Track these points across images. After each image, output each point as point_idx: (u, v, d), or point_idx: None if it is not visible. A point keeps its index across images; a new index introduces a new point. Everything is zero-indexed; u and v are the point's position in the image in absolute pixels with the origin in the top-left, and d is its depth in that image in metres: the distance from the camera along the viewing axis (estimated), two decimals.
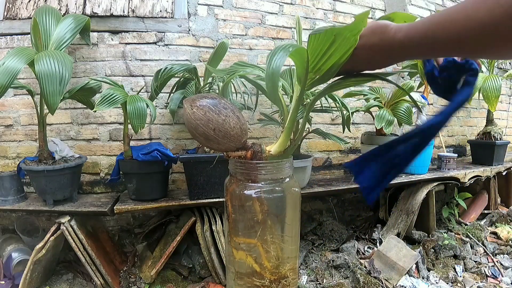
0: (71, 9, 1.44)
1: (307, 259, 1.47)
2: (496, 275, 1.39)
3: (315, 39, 0.59)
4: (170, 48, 1.53)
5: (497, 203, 2.06)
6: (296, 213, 0.85)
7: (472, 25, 0.36)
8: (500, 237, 1.70)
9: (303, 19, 1.76)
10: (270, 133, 1.71)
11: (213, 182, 1.26)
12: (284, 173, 0.80)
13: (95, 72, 1.47)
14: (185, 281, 1.32)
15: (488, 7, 0.33)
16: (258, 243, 0.80)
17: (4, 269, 1.27)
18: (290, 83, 1.36)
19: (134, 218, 1.58)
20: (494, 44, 0.35)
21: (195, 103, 0.71)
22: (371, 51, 0.53)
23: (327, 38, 0.58)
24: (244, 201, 0.79)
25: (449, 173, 1.72)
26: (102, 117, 1.49)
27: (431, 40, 0.42)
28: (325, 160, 1.85)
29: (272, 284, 0.80)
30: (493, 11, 0.33)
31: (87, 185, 1.51)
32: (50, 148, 1.26)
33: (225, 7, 1.61)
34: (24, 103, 1.44)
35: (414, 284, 1.27)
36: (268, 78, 0.62)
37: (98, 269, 1.20)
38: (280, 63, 0.61)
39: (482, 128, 2.01)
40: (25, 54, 1.02)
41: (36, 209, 1.22)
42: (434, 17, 0.42)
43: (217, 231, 1.25)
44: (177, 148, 1.56)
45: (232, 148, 0.77)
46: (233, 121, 0.72)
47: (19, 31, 1.42)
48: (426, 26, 0.43)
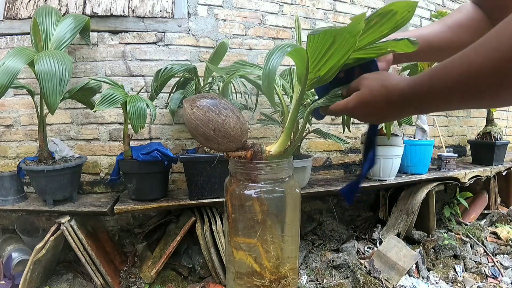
0: (71, 9, 1.44)
1: (307, 259, 1.47)
2: (496, 275, 1.39)
3: (314, 40, 0.59)
4: (170, 48, 1.53)
5: (497, 203, 2.07)
6: (296, 213, 0.85)
7: (471, 70, 0.36)
8: (500, 237, 1.70)
9: (303, 19, 1.76)
10: (270, 133, 1.71)
11: (213, 182, 1.26)
12: (284, 173, 0.80)
13: (95, 72, 1.47)
14: (185, 281, 1.32)
15: (486, 52, 0.34)
16: (258, 243, 0.80)
17: (4, 269, 1.27)
18: (290, 83, 1.36)
19: (134, 218, 1.58)
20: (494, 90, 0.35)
21: (195, 103, 0.71)
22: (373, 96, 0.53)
23: (326, 39, 0.58)
24: (244, 201, 0.79)
25: (449, 173, 1.72)
26: (102, 117, 1.49)
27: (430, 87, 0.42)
28: (325, 160, 1.85)
29: (272, 284, 0.80)
30: (491, 55, 0.33)
31: (87, 185, 1.51)
32: (50, 148, 1.26)
33: (225, 7, 1.61)
34: (24, 103, 1.44)
35: (414, 284, 1.27)
36: (265, 77, 0.63)
37: (98, 269, 1.20)
38: (277, 63, 0.62)
39: (482, 128, 2.01)
40: (25, 54, 1.02)
41: (36, 209, 1.22)
42: (436, 66, 0.43)
43: (217, 231, 1.25)
44: (177, 148, 1.56)
45: (232, 148, 0.77)
46: (233, 121, 0.72)
47: (19, 31, 1.42)
48: (427, 74, 0.43)
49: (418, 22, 2.09)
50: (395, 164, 1.57)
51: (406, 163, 1.69)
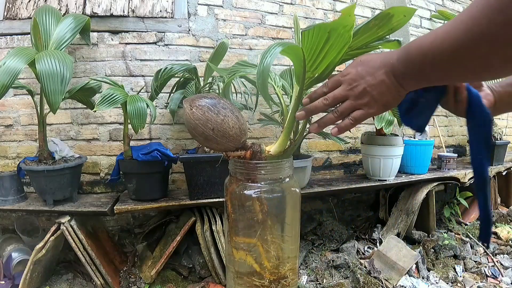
0: (71, 9, 1.44)
1: (307, 259, 1.47)
2: (496, 275, 1.38)
3: (308, 36, 0.59)
4: (170, 48, 1.53)
5: (497, 203, 2.07)
6: (296, 213, 0.85)
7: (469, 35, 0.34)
8: (500, 237, 1.70)
9: (303, 19, 1.76)
10: (270, 133, 1.71)
11: (213, 182, 1.26)
12: (284, 173, 0.80)
13: (95, 72, 1.47)
14: (185, 281, 1.32)
15: (488, 15, 0.33)
16: (258, 243, 0.80)
17: (4, 269, 1.27)
18: (290, 83, 1.36)
19: (134, 218, 1.58)
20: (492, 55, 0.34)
21: (194, 103, 0.71)
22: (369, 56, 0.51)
23: (321, 35, 0.58)
24: (244, 201, 0.79)
25: (449, 173, 1.72)
26: (102, 117, 1.49)
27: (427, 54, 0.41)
28: (325, 160, 1.85)
29: (272, 284, 0.80)
30: (495, 19, 0.32)
31: (87, 185, 1.51)
32: (50, 148, 1.26)
33: (225, 7, 1.61)
34: (24, 103, 1.44)
35: (414, 284, 1.27)
36: (259, 75, 0.64)
37: (98, 269, 1.20)
38: (270, 61, 0.63)
39: None
40: (25, 54, 1.02)
41: (36, 209, 1.22)
42: (431, 32, 0.41)
43: (217, 231, 1.25)
44: (177, 148, 1.56)
45: (232, 148, 0.77)
46: (232, 121, 0.72)
47: (19, 31, 1.42)
48: (422, 40, 0.42)
49: (418, 22, 2.09)
50: (395, 164, 1.57)
51: (406, 163, 1.69)
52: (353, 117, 0.53)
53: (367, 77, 0.50)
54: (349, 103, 0.53)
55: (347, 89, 0.52)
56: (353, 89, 0.51)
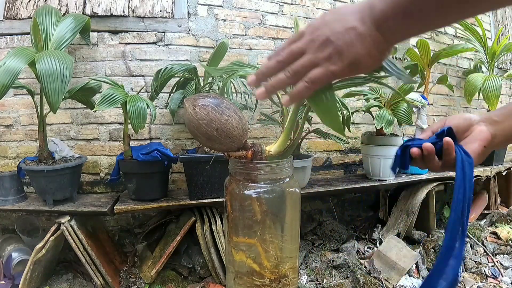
0: (71, 9, 1.44)
1: (307, 259, 1.47)
2: (496, 275, 1.39)
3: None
4: (170, 48, 1.53)
5: (497, 203, 2.06)
6: (296, 213, 0.85)
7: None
8: (500, 237, 1.70)
9: (303, 19, 1.76)
10: (270, 133, 1.71)
11: (213, 182, 1.26)
12: (284, 173, 0.80)
13: (95, 72, 1.47)
14: (185, 281, 1.32)
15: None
16: (258, 243, 0.80)
17: (4, 269, 1.27)
18: None
19: (134, 218, 1.58)
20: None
21: (197, 102, 0.71)
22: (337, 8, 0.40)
23: None
24: (244, 201, 0.79)
25: (449, 173, 1.72)
26: (102, 117, 1.49)
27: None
28: (325, 160, 1.85)
29: (272, 284, 0.80)
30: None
31: (87, 185, 1.51)
32: (50, 148, 1.26)
33: (225, 7, 1.61)
34: (24, 103, 1.44)
35: (414, 284, 1.27)
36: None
37: (98, 269, 1.20)
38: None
39: None
40: (25, 54, 1.02)
41: (36, 209, 1.23)
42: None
43: (217, 231, 1.25)
44: (177, 148, 1.56)
45: (233, 148, 0.77)
46: (235, 121, 0.72)
47: (19, 31, 1.42)
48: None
49: None
50: None
51: None
52: (309, 78, 0.40)
53: (333, 24, 0.38)
54: (306, 58, 0.40)
55: (306, 41, 0.40)
56: (314, 40, 0.39)
